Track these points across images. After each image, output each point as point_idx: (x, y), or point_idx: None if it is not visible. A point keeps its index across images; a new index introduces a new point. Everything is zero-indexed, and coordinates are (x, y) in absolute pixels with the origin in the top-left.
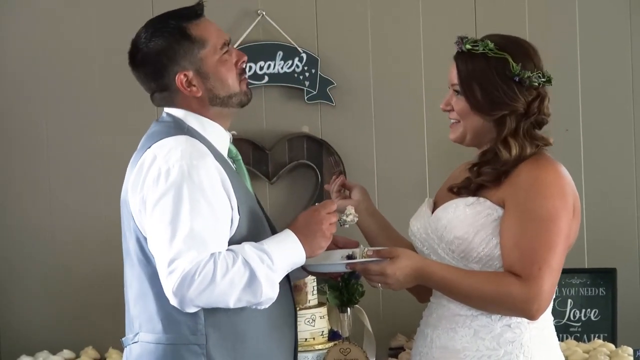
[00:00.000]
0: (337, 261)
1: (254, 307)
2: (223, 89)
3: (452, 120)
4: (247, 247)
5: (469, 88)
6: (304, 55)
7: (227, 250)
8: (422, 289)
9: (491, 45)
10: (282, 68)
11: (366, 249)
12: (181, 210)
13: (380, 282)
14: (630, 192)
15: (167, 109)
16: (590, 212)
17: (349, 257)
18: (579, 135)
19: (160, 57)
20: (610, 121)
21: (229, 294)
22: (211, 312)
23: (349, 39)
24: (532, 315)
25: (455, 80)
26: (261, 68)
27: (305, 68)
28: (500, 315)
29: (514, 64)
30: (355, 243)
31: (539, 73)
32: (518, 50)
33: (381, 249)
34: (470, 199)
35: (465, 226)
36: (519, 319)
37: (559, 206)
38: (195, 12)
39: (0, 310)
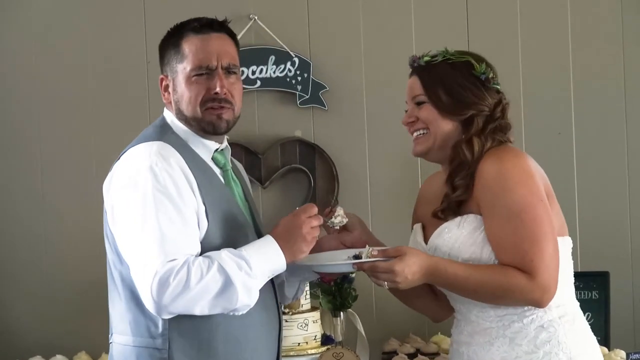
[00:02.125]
0: (343, 261)
1: (230, 313)
2: (185, 107)
3: (418, 133)
4: (224, 254)
5: (434, 93)
6: (296, 60)
7: (204, 256)
8: (437, 307)
9: (452, 51)
10: (274, 72)
11: (371, 249)
12: (150, 216)
13: (388, 281)
14: (623, 195)
15: (165, 111)
16: (583, 215)
17: (356, 257)
18: (572, 138)
19: (160, 53)
20: (602, 124)
21: (203, 299)
22: (176, 318)
23: (341, 43)
24: (541, 304)
25: (417, 91)
26: (253, 72)
27: (298, 72)
28: (531, 318)
29: (477, 65)
30: (362, 243)
31: (497, 79)
32: (477, 56)
33: (387, 248)
34: (457, 220)
35: (467, 247)
36: (550, 317)
37: (526, 193)
38: (201, 26)
39: None
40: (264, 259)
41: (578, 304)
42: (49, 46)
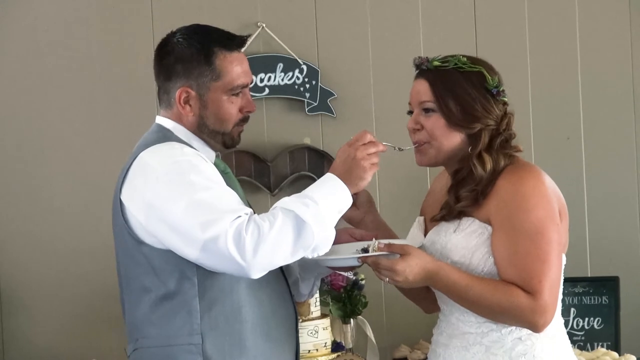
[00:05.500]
0: (349, 255)
1: (315, 254)
2: (215, 124)
3: (419, 143)
4: (286, 198)
5: (445, 103)
6: (304, 67)
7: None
8: (429, 300)
9: (464, 59)
10: (282, 80)
11: (377, 242)
12: (195, 193)
13: (389, 278)
14: (633, 200)
15: (158, 119)
16: (592, 220)
17: (364, 250)
18: (581, 143)
19: (178, 63)
20: (611, 129)
21: (282, 244)
22: (207, 312)
23: (349, 50)
24: (537, 328)
25: (426, 97)
26: (262, 80)
27: (306, 80)
28: (510, 329)
29: (490, 77)
30: (371, 235)
31: (504, 91)
32: (488, 66)
33: (394, 243)
34: (456, 222)
35: (459, 250)
36: (530, 331)
37: (543, 216)
38: (232, 44)
39: (4, 324)
40: (327, 192)
41: (562, 321)
42: (55, 47)
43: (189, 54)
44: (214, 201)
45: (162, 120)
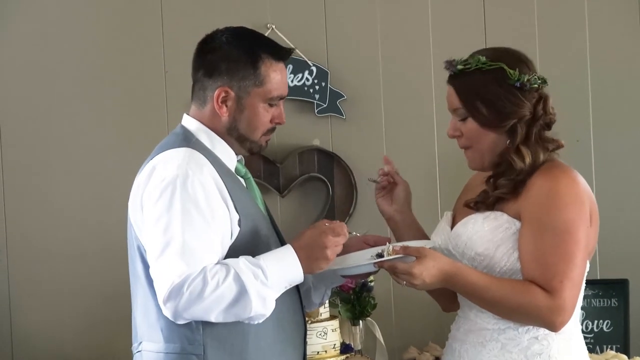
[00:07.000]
0: (365, 261)
1: (246, 322)
2: (246, 129)
3: (464, 149)
4: (242, 262)
5: (474, 107)
6: (314, 69)
7: (222, 264)
8: (449, 298)
9: (483, 59)
10: (292, 81)
11: (392, 246)
12: (173, 223)
13: (406, 281)
14: None
15: (184, 119)
16: (602, 222)
17: (379, 255)
18: (590, 145)
19: (223, 61)
20: (621, 131)
21: (217, 308)
22: (209, 323)
23: (359, 51)
24: (555, 327)
25: (456, 104)
26: None
27: (316, 81)
28: (527, 328)
29: (511, 71)
30: (385, 240)
31: (535, 75)
32: (510, 57)
33: (409, 246)
34: (487, 213)
35: (485, 242)
36: (547, 331)
37: (574, 217)
38: (280, 54)
39: (13, 324)
40: (282, 269)
41: (580, 327)
42: (65, 56)
43: (236, 54)
44: (184, 245)
45: (186, 121)
